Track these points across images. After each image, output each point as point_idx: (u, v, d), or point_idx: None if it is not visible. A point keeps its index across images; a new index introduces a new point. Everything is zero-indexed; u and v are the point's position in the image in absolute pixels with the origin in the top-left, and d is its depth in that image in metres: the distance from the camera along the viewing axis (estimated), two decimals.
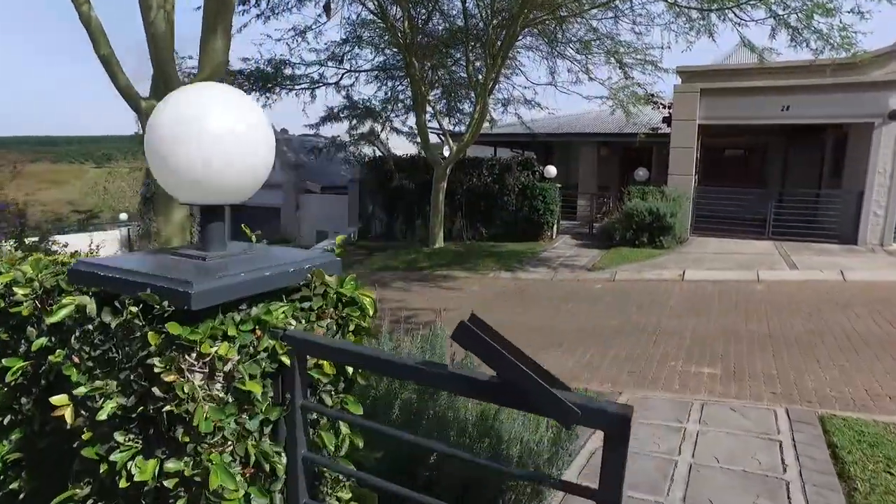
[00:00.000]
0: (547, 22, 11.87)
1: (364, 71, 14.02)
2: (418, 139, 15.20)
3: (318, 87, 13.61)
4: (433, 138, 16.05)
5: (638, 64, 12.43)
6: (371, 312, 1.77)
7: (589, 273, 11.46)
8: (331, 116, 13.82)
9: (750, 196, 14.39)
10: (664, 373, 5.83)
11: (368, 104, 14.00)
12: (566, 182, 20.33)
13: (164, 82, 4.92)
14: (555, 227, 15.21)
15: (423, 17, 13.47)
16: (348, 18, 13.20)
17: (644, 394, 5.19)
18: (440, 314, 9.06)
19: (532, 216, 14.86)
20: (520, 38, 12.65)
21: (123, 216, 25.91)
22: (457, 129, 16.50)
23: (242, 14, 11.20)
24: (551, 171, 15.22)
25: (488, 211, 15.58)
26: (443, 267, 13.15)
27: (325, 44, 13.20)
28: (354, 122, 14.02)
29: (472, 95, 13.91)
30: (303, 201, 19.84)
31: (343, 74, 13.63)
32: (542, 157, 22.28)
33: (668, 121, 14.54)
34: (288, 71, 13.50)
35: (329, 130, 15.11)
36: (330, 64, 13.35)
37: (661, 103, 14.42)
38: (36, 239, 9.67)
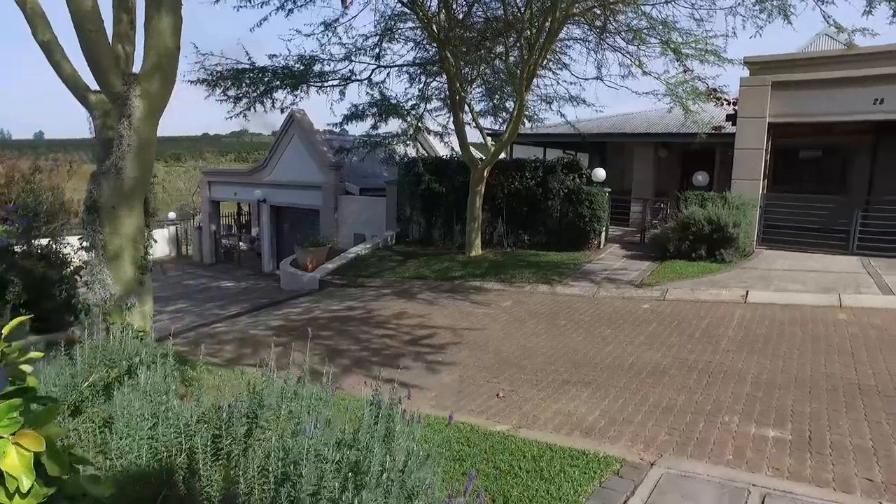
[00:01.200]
0: (594, 9, 10.65)
1: (396, 66, 13.17)
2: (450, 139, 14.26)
3: (347, 85, 12.86)
4: (474, 136, 15.04)
5: (698, 54, 10.98)
6: None
7: (636, 290, 10.16)
8: (355, 115, 13.04)
9: (830, 204, 12.61)
10: (714, 433, 4.62)
11: (397, 102, 13.13)
12: (620, 186, 18.87)
13: (98, 72, 4.19)
14: (602, 235, 13.89)
15: (464, 8, 12.50)
16: (381, 12, 12.35)
17: (685, 467, 4.02)
18: (460, 334, 8.08)
19: (578, 223, 13.61)
20: (564, 27, 11.47)
21: (172, 215, 26.28)
22: (501, 129, 15.42)
23: (262, 6, 10.59)
24: (600, 174, 13.91)
25: (531, 217, 14.43)
26: (476, 277, 12.13)
27: (353, 37, 12.34)
28: (379, 120, 13.19)
29: (512, 91, 12.81)
30: (341, 203, 19.26)
31: (373, 70, 12.84)
32: (596, 159, 20.88)
33: (732, 119, 12.96)
34: (317, 67, 12.83)
35: (356, 130, 14.35)
36: (360, 59, 12.59)
37: (726, 99, 12.85)
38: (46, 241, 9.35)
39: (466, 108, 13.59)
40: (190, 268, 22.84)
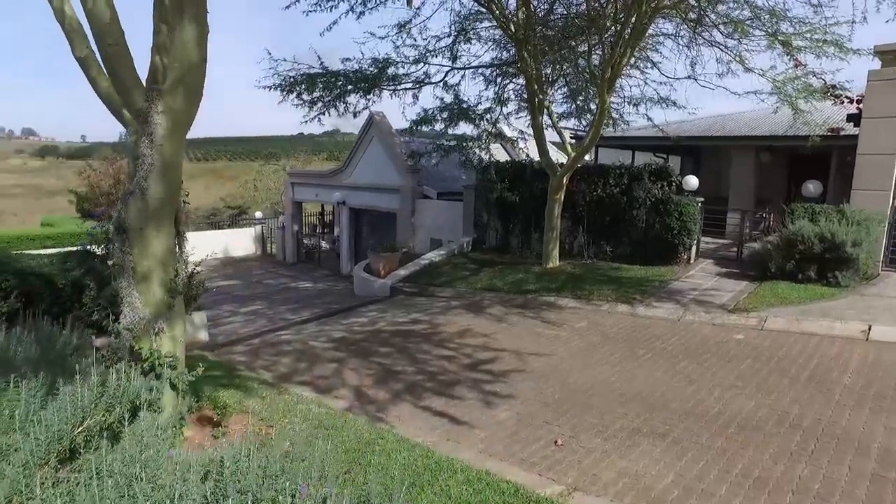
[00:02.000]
0: (688, 0, 9.55)
1: (471, 68, 12.60)
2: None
3: (421, 87, 12.46)
4: (556, 139, 14.18)
5: (813, 46, 9.56)
6: None
7: (728, 315, 9.01)
8: (424, 119, 12.60)
9: None
10: None
11: (467, 106, 12.54)
12: (715, 193, 17.29)
13: (120, 88, 3.94)
14: (693, 249, 12.62)
15: (544, 6, 11.74)
16: (456, 12, 11.84)
17: None
18: (524, 360, 7.40)
19: (665, 235, 12.45)
20: (654, 22, 10.43)
21: (258, 214, 27.26)
22: (585, 132, 14.47)
23: (331, 10, 10.39)
24: (691, 182, 12.65)
25: (614, 227, 13.41)
26: (551, 292, 11.35)
27: (426, 38, 11.92)
28: (449, 125, 12.67)
29: (593, 93, 11.88)
30: (419, 207, 19.02)
31: (447, 73, 12.35)
32: (689, 164, 19.33)
33: (855, 119, 11.30)
34: (391, 70, 12.53)
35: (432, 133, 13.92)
36: (433, 62, 12.14)
37: (847, 96, 11.21)
38: None
39: (546, 110, 12.80)
40: (272, 266, 23.53)
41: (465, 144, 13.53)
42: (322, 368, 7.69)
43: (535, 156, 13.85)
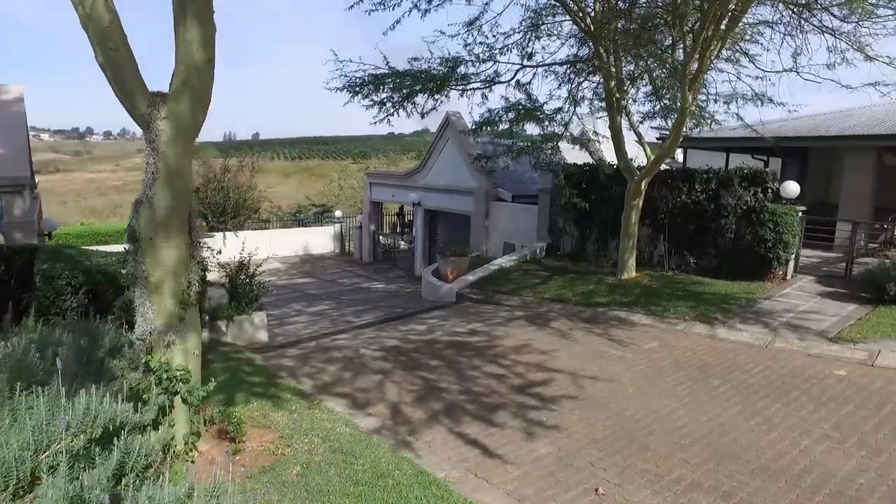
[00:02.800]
0: None
1: (543, 66, 11.87)
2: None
3: (491, 87, 11.91)
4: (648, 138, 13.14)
5: None
6: None
7: (829, 345, 7.79)
8: (489, 121, 11.99)
9: None
10: None
11: (533, 106, 11.79)
12: (823, 200, 15.45)
13: (123, 93, 3.75)
14: (790, 264, 11.21)
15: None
16: (528, 6, 11.17)
17: None
18: (580, 384, 6.71)
19: (756, 247, 11.13)
20: (750, 9, 9.27)
21: (338, 213, 27.74)
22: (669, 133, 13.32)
23: (394, 8, 10.09)
24: (790, 188, 11.23)
25: (698, 236, 12.22)
26: (622, 307, 10.46)
27: (495, 35, 11.34)
28: (515, 126, 11.96)
29: (677, 91, 10.80)
30: (493, 209, 18.48)
31: (517, 71, 11.70)
32: (792, 168, 17.44)
33: None
34: (461, 70, 12.09)
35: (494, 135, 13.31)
36: (503, 60, 11.55)
37: None
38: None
39: (624, 110, 11.86)
40: (348, 265, 23.85)
41: (537, 146, 12.80)
42: (365, 380, 7.38)
43: (614, 158, 12.90)
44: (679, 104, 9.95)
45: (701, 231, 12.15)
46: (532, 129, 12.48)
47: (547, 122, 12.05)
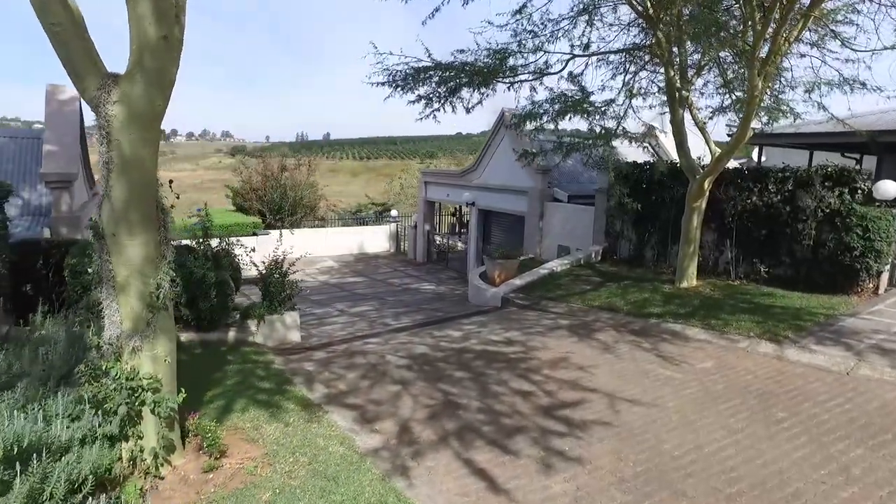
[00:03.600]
0: None
1: (596, 55, 10.92)
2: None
3: (541, 78, 11.09)
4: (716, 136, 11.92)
5: None
6: None
7: None
8: (531, 115, 11.13)
9: None
10: None
11: (580, 98, 10.80)
12: None
13: (73, 75, 3.36)
14: (883, 276, 9.77)
15: None
16: None
17: None
18: (617, 409, 5.90)
19: (841, 256, 9.77)
20: None
21: (394, 212, 27.55)
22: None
23: None
24: (887, 189, 9.77)
25: (771, 242, 10.93)
26: (678, 318, 9.43)
27: (544, 23, 10.53)
28: (559, 119, 11.01)
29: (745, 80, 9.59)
30: (547, 210, 17.59)
31: (568, 61, 10.81)
32: (892, 165, 15.51)
33: None
34: (510, 62, 11.36)
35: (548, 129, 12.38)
36: (554, 49, 10.70)
37: None
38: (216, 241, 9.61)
39: (687, 102, 10.75)
40: (401, 266, 23.54)
41: (591, 142, 11.87)
42: (381, 390, 6.85)
43: (676, 156, 11.79)
44: (745, 94, 8.80)
45: (773, 236, 10.86)
46: (581, 123, 11.52)
47: (598, 116, 11.08)
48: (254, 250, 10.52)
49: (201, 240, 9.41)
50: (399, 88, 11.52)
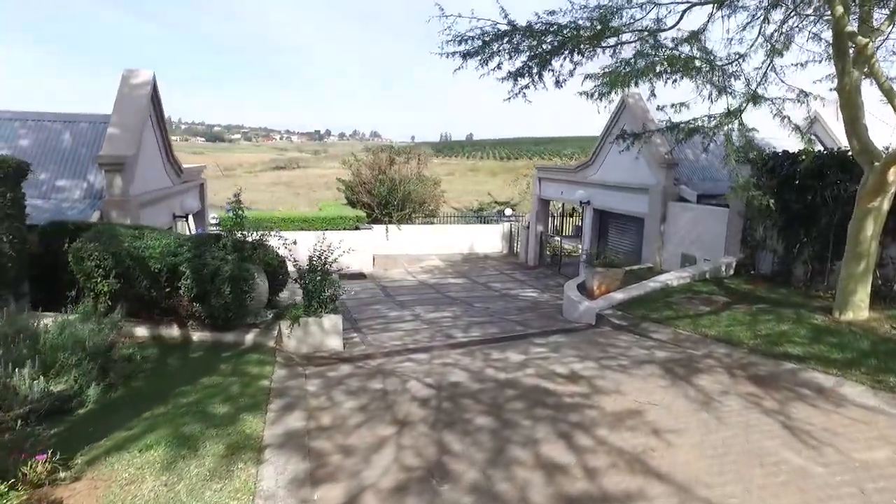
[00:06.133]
0: None
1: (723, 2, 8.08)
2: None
3: (654, 36, 8.54)
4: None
5: None
6: None
7: None
8: (616, 78, 8.44)
9: None
10: None
11: (687, 54, 7.92)
12: None
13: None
14: None
15: None
16: None
17: None
18: None
19: None
20: None
21: (508, 211, 25.60)
22: None
23: None
24: None
25: None
26: (830, 367, 6.54)
27: None
28: (651, 78, 8.22)
29: None
30: (671, 212, 14.61)
31: (684, 12, 8.11)
32: None
33: None
34: (615, 21, 8.99)
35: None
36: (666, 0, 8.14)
37: None
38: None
39: (867, 61, 7.60)
40: (509, 268, 21.58)
41: (717, 120, 9.02)
42: (367, 433, 5.13)
43: (841, 142, 8.61)
44: None
45: None
46: (697, 92, 8.66)
47: (719, 77, 8.24)
48: (295, 243, 9.32)
49: (230, 230, 8.38)
50: (475, 58, 9.66)
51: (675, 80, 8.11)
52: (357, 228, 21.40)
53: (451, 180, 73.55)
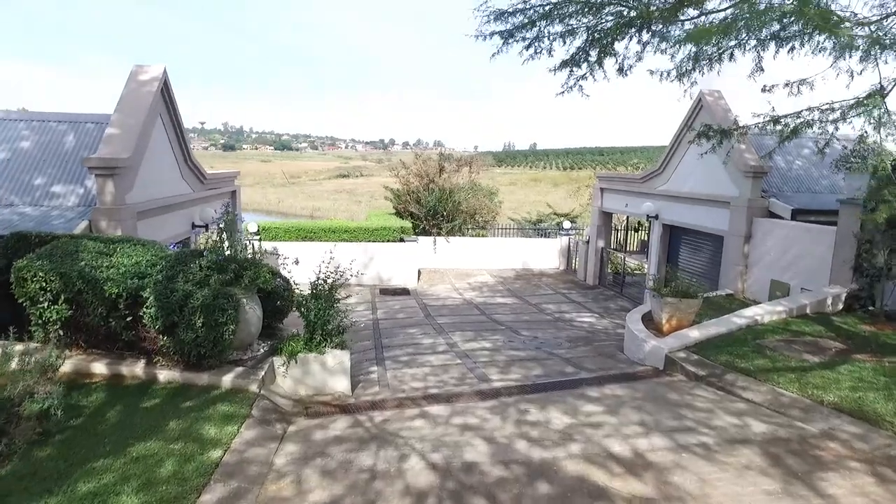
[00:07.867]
0: None
1: None
2: None
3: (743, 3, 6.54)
4: None
5: None
6: None
7: None
8: (697, 32, 6.35)
9: None
10: None
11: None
12: None
13: None
14: None
15: None
16: None
17: None
18: None
19: None
20: None
21: (567, 224, 23.48)
22: None
23: None
24: None
25: None
26: None
27: None
28: (756, 39, 6.05)
29: None
30: (758, 229, 12.26)
31: None
32: None
33: None
34: None
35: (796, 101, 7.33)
36: None
37: None
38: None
39: None
40: (566, 288, 19.49)
41: (840, 111, 6.84)
42: None
43: None
44: None
45: None
46: (833, 59, 6.45)
47: (866, 41, 6.02)
48: (297, 262, 7.83)
49: (211, 245, 6.98)
50: (517, 38, 7.94)
51: (792, 47, 6.00)
52: (402, 240, 19.96)
53: (513, 190, 71.42)
